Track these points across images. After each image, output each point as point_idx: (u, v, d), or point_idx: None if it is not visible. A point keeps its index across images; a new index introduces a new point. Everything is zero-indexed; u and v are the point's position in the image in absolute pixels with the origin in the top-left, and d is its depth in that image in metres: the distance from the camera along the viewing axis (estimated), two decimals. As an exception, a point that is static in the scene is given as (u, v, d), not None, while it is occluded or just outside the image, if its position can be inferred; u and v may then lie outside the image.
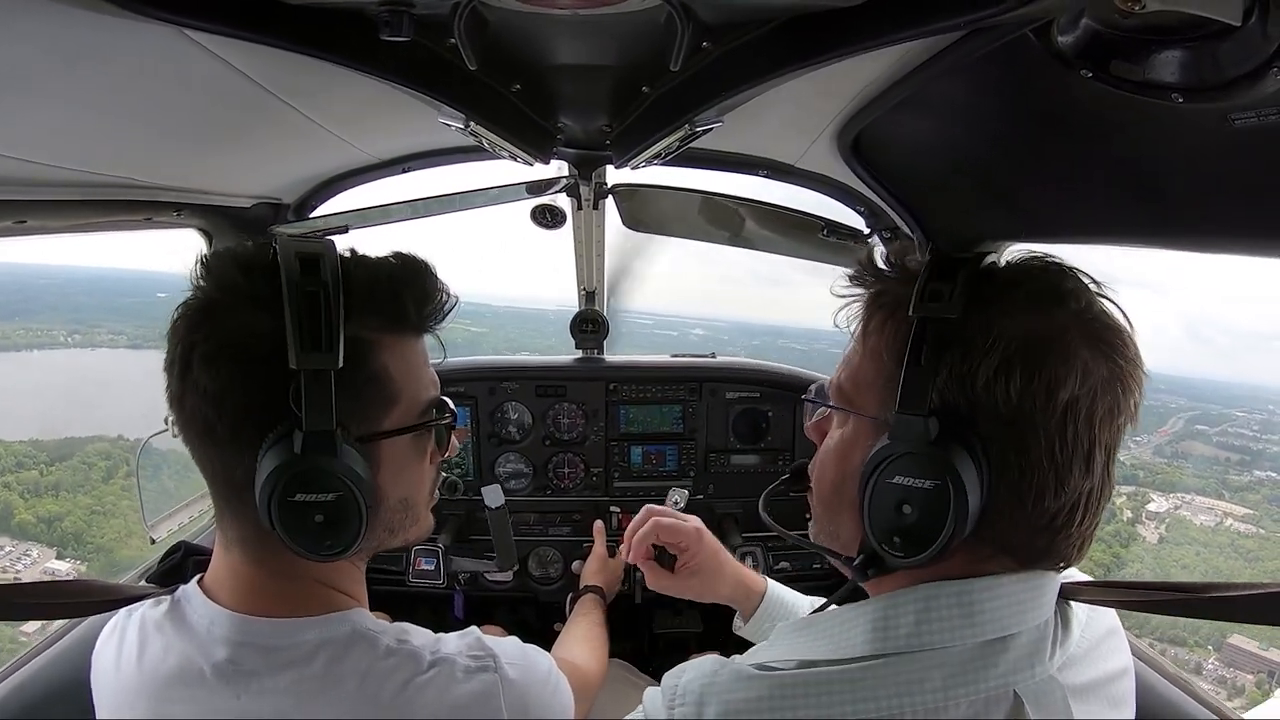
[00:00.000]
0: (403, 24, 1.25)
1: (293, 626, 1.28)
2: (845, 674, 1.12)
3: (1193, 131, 1.33)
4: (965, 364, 1.08)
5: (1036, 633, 1.13)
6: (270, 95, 1.74)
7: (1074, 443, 1.06)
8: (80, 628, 2.18)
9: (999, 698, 1.09)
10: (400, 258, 1.37)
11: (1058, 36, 1.22)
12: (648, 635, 3.80)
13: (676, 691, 1.19)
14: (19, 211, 1.82)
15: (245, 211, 2.80)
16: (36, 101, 1.42)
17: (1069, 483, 1.08)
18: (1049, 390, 1.05)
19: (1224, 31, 1.05)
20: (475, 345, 26.36)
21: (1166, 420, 23.65)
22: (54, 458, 14.97)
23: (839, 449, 1.28)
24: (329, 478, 1.20)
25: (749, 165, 2.90)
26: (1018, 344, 1.06)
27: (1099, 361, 1.07)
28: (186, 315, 1.24)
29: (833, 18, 1.30)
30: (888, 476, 1.12)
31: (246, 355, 1.21)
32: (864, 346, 1.26)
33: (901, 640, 1.12)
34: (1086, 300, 1.13)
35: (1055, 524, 1.10)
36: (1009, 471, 1.08)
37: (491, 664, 1.35)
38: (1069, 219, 1.97)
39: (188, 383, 1.22)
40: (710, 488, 3.53)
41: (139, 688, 1.31)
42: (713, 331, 32.86)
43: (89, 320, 20.78)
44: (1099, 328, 1.11)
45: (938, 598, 1.13)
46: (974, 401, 1.08)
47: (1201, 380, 28.94)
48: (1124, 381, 1.09)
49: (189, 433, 1.26)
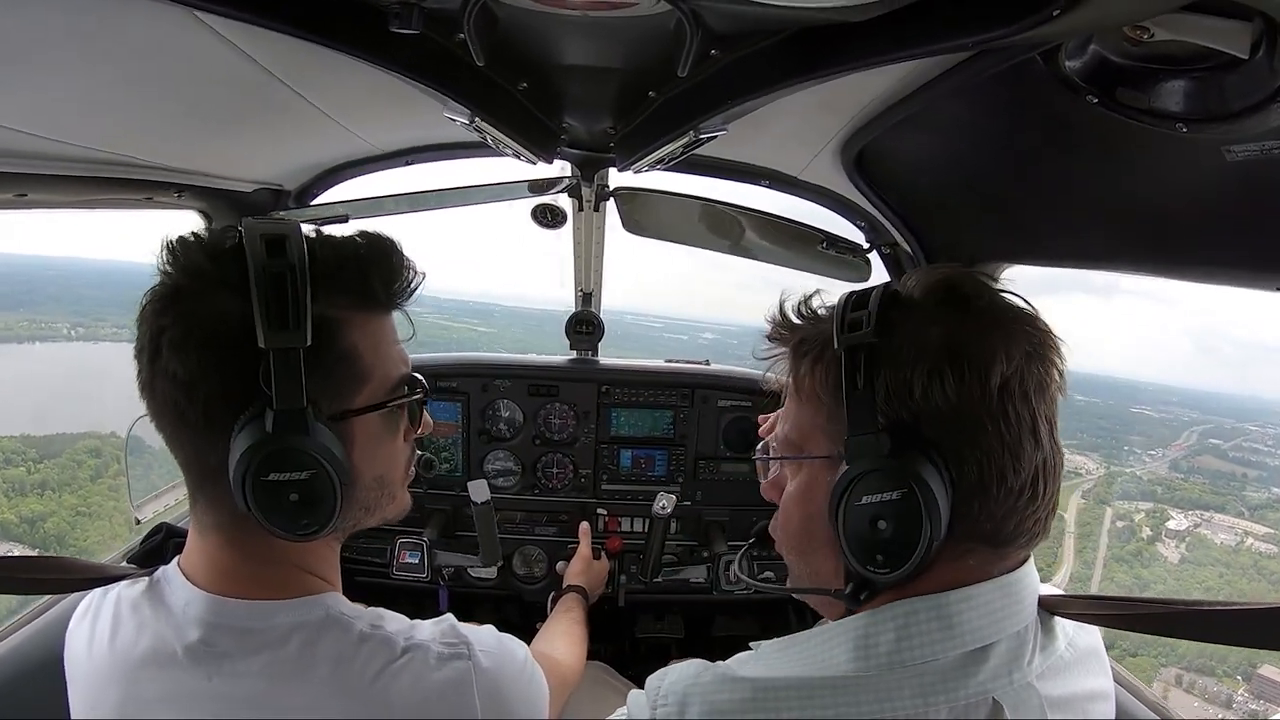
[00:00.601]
0: (413, 17, 1.25)
1: (266, 609, 1.27)
2: (828, 680, 1.13)
3: (1194, 162, 1.33)
4: (898, 378, 1.12)
5: (1016, 639, 1.16)
6: (277, 81, 1.74)
7: (1017, 420, 1.10)
8: (60, 605, 2.18)
9: (978, 704, 1.10)
10: (366, 236, 1.36)
11: (1065, 61, 1.23)
12: (629, 639, 3.79)
13: (660, 692, 1.20)
14: (20, 184, 1.81)
15: (246, 196, 2.80)
16: (43, 76, 1.41)
17: (1023, 458, 1.11)
18: (981, 380, 1.09)
19: (1231, 64, 1.06)
20: (482, 345, 26.07)
21: (1180, 434, 23.66)
22: (43, 454, 14.74)
23: (799, 495, 1.30)
24: (301, 456, 1.20)
25: (751, 174, 2.91)
26: (939, 349, 1.11)
27: (1015, 342, 1.12)
28: (154, 301, 1.23)
29: (841, 32, 1.30)
30: (855, 499, 1.14)
31: (216, 339, 1.20)
32: (799, 394, 1.30)
33: (883, 659, 1.13)
34: (988, 296, 1.19)
35: (1020, 502, 1.13)
36: (967, 465, 1.11)
37: (465, 651, 1.34)
38: (1067, 242, 1.98)
39: (157, 368, 1.21)
40: (698, 494, 3.52)
41: (110, 669, 1.30)
42: (723, 336, 32.91)
43: (93, 313, 20.62)
44: (1005, 314, 1.17)
45: (916, 613, 1.15)
46: (915, 411, 1.11)
47: (1212, 393, 29.11)
48: (1043, 354, 1.15)
49: (161, 420, 1.26)
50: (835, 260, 3.19)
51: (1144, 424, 24.36)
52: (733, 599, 3.30)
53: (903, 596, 1.17)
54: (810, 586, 1.34)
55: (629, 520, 3.51)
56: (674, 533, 3.47)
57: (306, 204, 3.07)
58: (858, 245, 3.11)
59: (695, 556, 3.52)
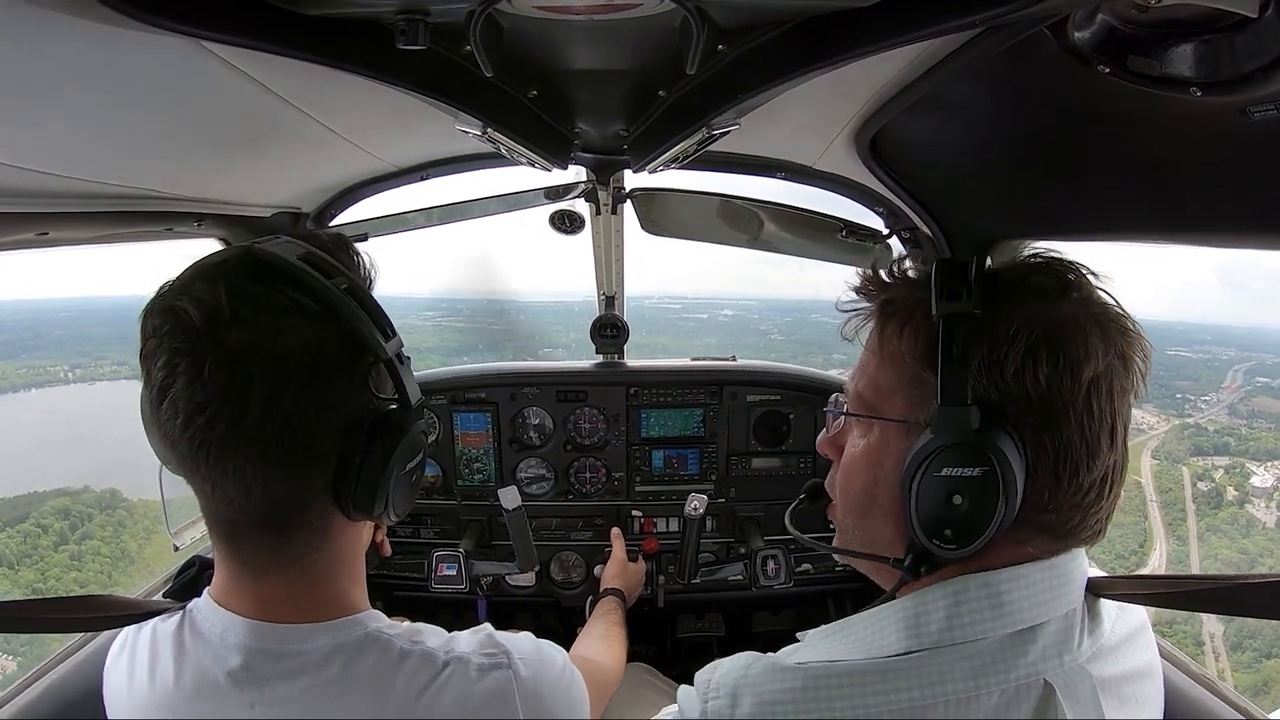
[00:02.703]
0: (418, 33, 1.26)
1: (306, 632, 1.27)
2: (878, 666, 1.13)
3: (1210, 126, 1.32)
4: (993, 356, 1.11)
5: (1064, 621, 1.16)
6: (288, 105, 1.75)
7: (1099, 419, 1.11)
8: (96, 641, 2.20)
9: (1029, 686, 1.10)
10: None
11: (1074, 33, 1.22)
12: (670, 639, 3.81)
13: (710, 686, 1.20)
14: (41, 223, 1.83)
15: (265, 221, 2.82)
16: (57, 114, 1.43)
17: (1099, 456, 1.12)
18: (1073, 372, 1.10)
19: (1241, 24, 1.05)
20: (501, 346, 25.52)
21: (1224, 375, 22.79)
22: (6, 521, 14.22)
23: (867, 456, 1.28)
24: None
25: (767, 167, 2.90)
26: (1039, 333, 1.11)
27: (1109, 342, 1.13)
28: (224, 362, 1.14)
29: (847, 18, 1.30)
30: (935, 470, 1.13)
31: (323, 367, 1.20)
32: (882, 353, 1.27)
33: (934, 636, 1.14)
34: (1087, 290, 1.20)
35: (1088, 499, 1.14)
36: (1044, 453, 1.11)
37: (505, 661, 1.35)
38: (1086, 216, 1.96)
39: (250, 418, 1.14)
40: (732, 491, 3.52)
41: (152, 705, 1.30)
42: (742, 311, 32.49)
43: (95, 352, 20.29)
44: (1103, 312, 1.17)
45: (966, 590, 1.15)
46: (1004, 390, 1.11)
47: (1247, 329, 27.84)
48: (1130, 359, 1.16)
49: (246, 462, 1.17)
50: (856, 248, 3.18)
51: (1185, 367, 23.16)
52: (772, 594, 3.28)
53: (956, 574, 1.18)
54: (864, 551, 1.32)
55: (664, 521, 3.53)
56: (709, 530, 3.49)
57: (325, 225, 3.09)
58: (877, 231, 3.09)
59: (732, 553, 3.53)
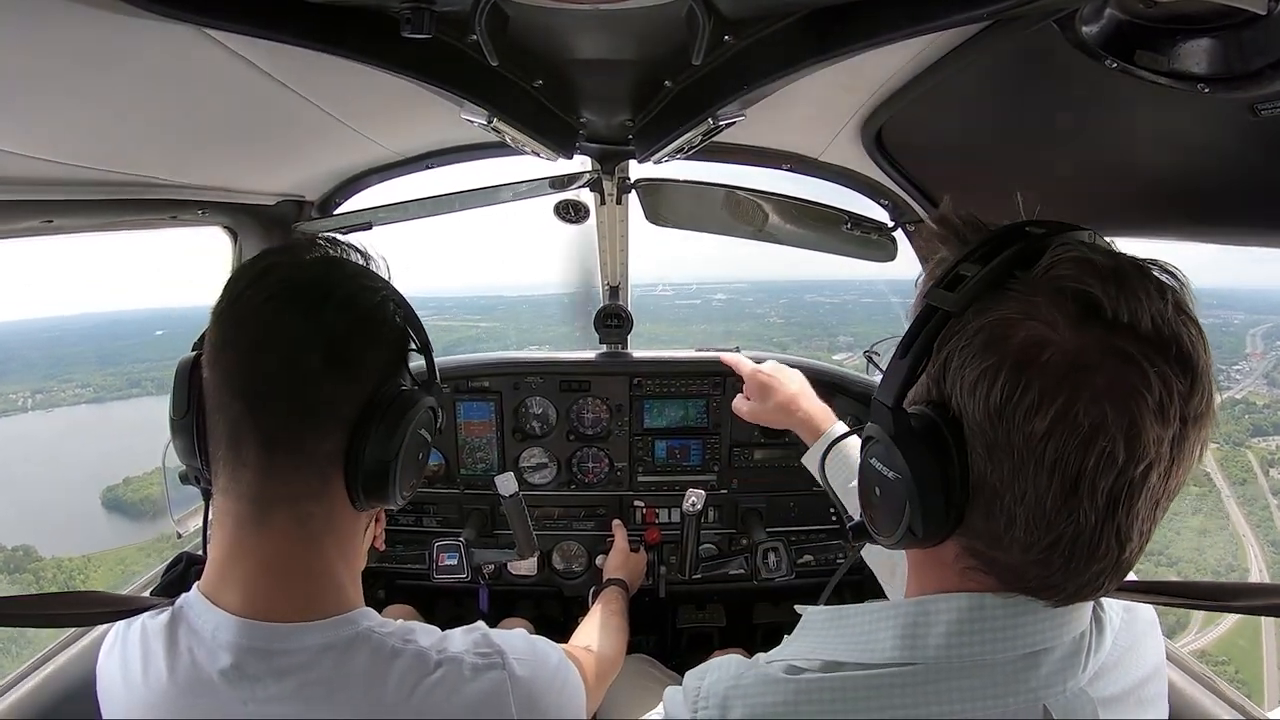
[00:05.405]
0: (424, 21, 1.25)
1: (296, 631, 1.26)
2: (871, 680, 1.09)
3: (1219, 123, 1.31)
4: (959, 362, 0.99)
5: (1072, 645, 1.08)
6: (292, 93, 1.75)
7: (1051, 477, 0.93)
8: (88, 636, 2.21)
9: (1027, 710, 1.05)
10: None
11: (1082, 27, 1.21)
12: (671, 630, 3.81)
13: (700, 693, 1.17)
14: (46, 211, 1.84)
15: (269, 209, 2.83)
16: (60, 103, 1.43)
17: (1043, 519, 0.96)
18: (1031, 416, 0.92)
19: (1250, 20, 1.04)
20: (485, 341, 25.61)
21: (1242, 340, 22.11)
22: None
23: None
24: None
25: (772, 159, 2.90)
26: (998, 358, 0.95)
27: (1127, 409, 0.90)
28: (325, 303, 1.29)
29: (855, 10, 1.29)
30: (867, 455, 1.11)
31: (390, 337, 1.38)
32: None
33: (931, 651, 1.07)
34: (1132, 315, 0.92)
35: (1039, 556, 0.99)
36: (983, 485, 0.99)
37: (499, 660, 1.35)
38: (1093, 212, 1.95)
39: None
40: (734, 482, 3.51)
41: (146, 702, 1.29)
42: (736, 295, 32.01)
43: (62, 375, 19.59)
44: (1151, 352, 0.91)
45: (982, 608, 1.06)
46: (962, 404, 0.99)
47: (1251, 290, 26.69)
48: (1180, 435, 0.93)
49: (275, 441, 1.28)
50: (861, 240, 3.16)
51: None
52: (773, 585, 3.28)
53: (956, 586, 1.10)
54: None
55: (666, 511, 3.52)
56: (711, 521, 3.49)
57: (329, 213, 3.09)
58: (882, 224, 3.09)
59: (734, 545, 3.53)
